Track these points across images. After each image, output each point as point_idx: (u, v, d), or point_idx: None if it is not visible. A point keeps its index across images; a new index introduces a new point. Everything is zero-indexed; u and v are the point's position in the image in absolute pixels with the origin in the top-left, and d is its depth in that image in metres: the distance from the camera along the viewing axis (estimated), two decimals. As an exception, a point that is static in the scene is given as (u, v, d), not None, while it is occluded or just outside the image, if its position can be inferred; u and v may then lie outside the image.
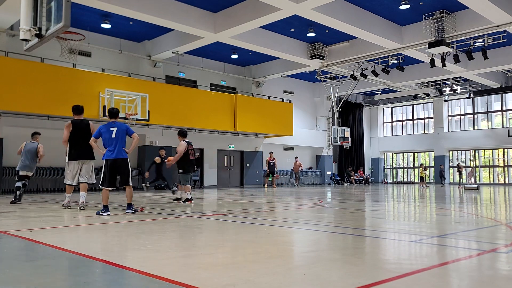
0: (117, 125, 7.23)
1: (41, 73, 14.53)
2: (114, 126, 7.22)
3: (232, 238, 4.81)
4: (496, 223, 6.27)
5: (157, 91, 17.38)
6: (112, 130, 7.16)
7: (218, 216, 7.20)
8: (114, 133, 7.13)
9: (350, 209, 8.64)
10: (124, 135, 7.25)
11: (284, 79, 24.66)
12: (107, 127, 7.24)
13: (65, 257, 3.66)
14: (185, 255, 3.88)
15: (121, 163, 7.16)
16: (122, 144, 7.22)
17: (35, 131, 10.31)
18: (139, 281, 2.91)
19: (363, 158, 30.01)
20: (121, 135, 7.18)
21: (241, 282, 2.80)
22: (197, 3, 14.93)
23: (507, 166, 26.96)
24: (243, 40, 16.84)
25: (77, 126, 8.27)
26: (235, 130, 20.39)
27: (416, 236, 4.91)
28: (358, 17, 15.40)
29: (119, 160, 7.14)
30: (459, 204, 10.17)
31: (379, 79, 22.79)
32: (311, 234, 5.23)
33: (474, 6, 13.59)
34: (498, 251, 3.98)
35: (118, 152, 7.13)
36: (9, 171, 15.09)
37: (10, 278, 2.90)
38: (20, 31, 6.07)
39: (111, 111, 7.54)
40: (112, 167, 7.14)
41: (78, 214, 7.34)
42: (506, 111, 26.62)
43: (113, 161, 7.11)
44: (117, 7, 13.26)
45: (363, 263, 3.45)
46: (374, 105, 31.32)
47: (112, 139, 7.12)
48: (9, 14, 13.22)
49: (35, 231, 5.11)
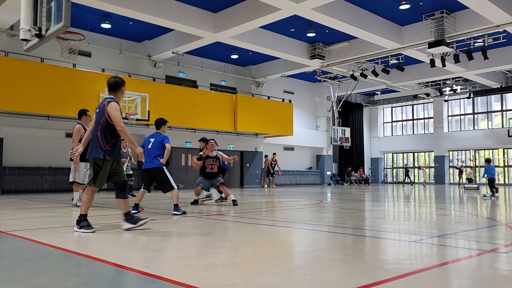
0: (155, 136, 7.46)
1: (41, 73, 14.54)
2: (153, 137, 7.47)
3: (232, 238, 4.81)
4: (496, 223, 6.27)
5: (157, 91, 17.38)
6: (151, 141, 7.42)
7: (218, 216, 7.20)
8: (151, 144, 7.38)
9: (350, 209, 8.64)
10: (160, 145, 7.40)
11: (284, 79, 24.66)
12: (148, 137, 7.51)
13: (65, 257, 3.66)
14: (185, 255, 3.88)
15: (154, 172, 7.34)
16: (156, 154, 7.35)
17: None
18: (139, 281, 2.92)
19: (363, 158, 30.00)
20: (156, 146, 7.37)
21: (241, 282, 2.80)
22: (197, 3, 14.93)
23: (507, 166, 26.96)
24: (243, 40, 16.85)
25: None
26: (235, 130, 20.40)
27: (416, 236, 4.91)
28: (358, 17, 15.40)
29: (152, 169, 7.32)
30: (459, 204, 10.17)
31: (379, 79, 22.79)
32: (311, 234, 5.23)
33: (474, 6, 13.59)
34: (498, 251, 3.98)
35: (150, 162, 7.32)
36: (9, 171, 15.10)
37: (11, 278, 2.90)
38: (20, 31, 6.07)
39: (156, 121, 7.70)
40: (147, 175, 7.41)
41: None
42: (506, 111, 26.61)
43: (147, 170, 7.36)
44: (117, 7, 13.26)
45: (363, 263, 3.45)
46: (374, 105, 31.32)
47: (147, 149, 7.36)
48: (9, 14, 13.22)
49: (35, 231, 5.10)
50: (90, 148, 5.17)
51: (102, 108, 5.13)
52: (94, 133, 5.15)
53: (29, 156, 15.62)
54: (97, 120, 5.15)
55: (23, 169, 15.38)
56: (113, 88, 5.32)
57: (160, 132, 7.55)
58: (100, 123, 5.09)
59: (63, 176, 16.12)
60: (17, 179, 15.20)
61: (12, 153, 15.26)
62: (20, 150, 15.47)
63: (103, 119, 5.07)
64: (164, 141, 7.42)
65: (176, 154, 19.53)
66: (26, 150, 15.61)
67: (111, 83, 5.32)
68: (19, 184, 15.20)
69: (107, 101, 5.15)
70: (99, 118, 5.12)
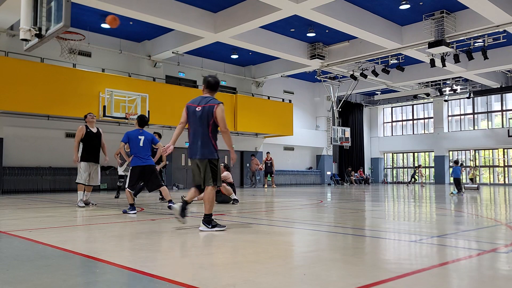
0: (144, 134, 7.48)
1: (41, 73, 14.53)
2: (142, 135, 7.46)
3: (232, 238, 4.81)
4: (496, 223, 6.27)
5: (157, 91, 17.38)
6: (140, 138, 7.42)
7: (218, 216, 7.20)
8: (142, 142, 7.40)
9: (350, 209, 8.64)
10: (150, 144, 7.50)
11: (284, 79, 24.66)
12: (135, 134, 7.46)
13: (65, 257, 3.66)
14: (185, 255, 3.88)
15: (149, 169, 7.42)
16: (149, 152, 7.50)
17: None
18: (140, 281, 2.91)
19: (363, 158, 30.00)
20: (147, 144, 7.45)
21: (241, 282, 2.80)
22: (197, 3, 14.93)
23: (507, 166, 26.97)
24: (243, 40, 16.85)
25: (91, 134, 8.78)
26: (235, 130, 20.40)
27: (416, 236, 4.91)
28: (358, 17, 15.40)
29: (147, 166, 7.38)
30: (459, 204, 10.17)
31: (379, 79, 22.79)
32: (311, 234, 5.23)
33: (474, 6, 13.60)
34: (498, 251, 3.98)
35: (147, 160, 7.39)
36: (9, 171, 15.10)
37: (11, 278, 2.90)
38: (20, 31, 6.07)
39: (143, 119, 7.72)
40: (141, 174, 7.38)
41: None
42: (506, 111, 26.61)
43: (142, 167, 7.35)
44: (117, 7, 13.25)
45: (363, 263, 3.45)
46: (374, 105, 31.32)
47: (140, 147, 7.38)
48: (9, 14, 13.22)
49: (35, 231, 5.11)
50: (199, 149, 5.13)
51: (210, 108, 5.12)
52: (204, 133, 5.13)
53: (29, 156, 15.62)
54: (203, 119, 5.12)
55: (23, 169, 15.38)
56: (214, 88, 5.35)
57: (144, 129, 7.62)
58: (210, 124, 5.11)
59: (63, 176, 16.14)
60: (17, 179, 15.20)
61: (12, 153, 15.25)
62: (20, 150, 15.47)
63: (212, 120, 5.11)
64: (154, 141, 7.59)
65: (176, 154, 19.54)
66: (26, 150, 15.60)
67: (213, 83, 5.34)
68: (19, 184, 15.20)
69: (216, 103, 5.16)
70: (207, 118, 5.11)
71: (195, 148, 5.16)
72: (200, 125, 5.13)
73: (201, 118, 5.13)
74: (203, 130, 5.12)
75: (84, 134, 8.52)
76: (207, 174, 5.14)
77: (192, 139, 5.21)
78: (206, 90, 5.35)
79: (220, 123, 5.13)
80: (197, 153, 5.13)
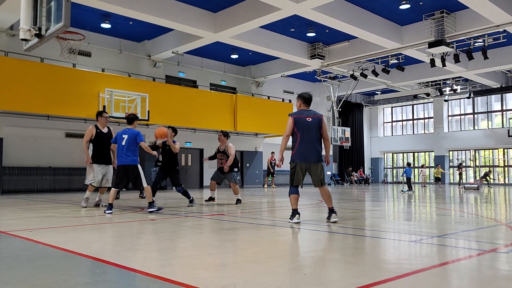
0: (128, 132, 7.39)
1: (41, 73, 14.53)
2: (126, 133, 7.39)
3: (232, 238, 4.81)
4: (496, 223, 6.27)
5: (157, 91, 17.38)
6: (124, 137, 7.35)
7: (218, 216, 7.20)
8: (124, 140, 7.32)
9: (350, 209, 8.64)
10: (134, 142, 7.36)
11: (284, 79, 24.65)
12: (120, 133, 7.43)
13: (65, 257, 3.66)
14: (185, 255, 3.88)
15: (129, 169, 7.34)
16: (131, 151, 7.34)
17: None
18: (140, 281, 2.91)
19: (363, 158, 30.00)
20: (131, 143, 7.33)
21: (241, 282, 2.80)
22: (197, 3, 14.93)
23: (507, 166, 26.96)
24: (243, 40, 16.84)
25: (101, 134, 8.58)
26: (235, 130, 20.39)
27: (416, 236, 4.91)
28: (358, 17, 15.40)
29: (127, 166, 7.33)
30: (459, 204, 10.17)
31: (379, 79, 22.79)
32: (311, 234, 5.23)
33: (474, 6, 13.59)
34: (498, 251, 3.98)
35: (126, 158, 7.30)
36: (9, 171, 15.10)
37: (10, 278, 2.90)
38: (20, 31, 6.06)
39: (128, 116, 7.72)
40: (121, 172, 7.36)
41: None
42: (506, 111, 26.61)
43: (123, 167, 7.34)
44: (117, 7, 13.25)
45: (363, 263, 3.45)
46: (374, 105, 31.31)
47: (121, 146, 7.32)
48: (9, 14, 13.22)
49: (35, 231, 5.11)
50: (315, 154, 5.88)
51: (318, 120, 5.93)
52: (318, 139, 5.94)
53: (29, 156, 15.61)
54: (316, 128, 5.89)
55: (23, 169, 15.38)
56: (309, 102, 6.10)
57: (132, 128, 7.54)
58: (321, 133, 5.94)
59: (63, 176, 16.14)
60: (17, 179, 15.20)
61: (12, 153, 15.25)
62: (20, 150, 15.46)
63: (321, 130, 5.93)
64: (138, 139, 7.40)
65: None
66: (26, 150, 15.60)
67: (308, 98, 6.09)
68: (19, 184, 15.20)
69: (320, 115, 6.03)
70: (317, 128, 5.90)
71: (311, 154, 5.87)
72: (313, 133, 5.89)
73: (313, 127, 5.90)
74: (317, 137, 5.92)
75: (94, 135, 8.20)
76: (323, 174, 6.03)
77: (306, 145, 5.87)
78: (304, 105, 6.07)
79: (325, 132, 5.97)
80: (314, 158, 5.89)
